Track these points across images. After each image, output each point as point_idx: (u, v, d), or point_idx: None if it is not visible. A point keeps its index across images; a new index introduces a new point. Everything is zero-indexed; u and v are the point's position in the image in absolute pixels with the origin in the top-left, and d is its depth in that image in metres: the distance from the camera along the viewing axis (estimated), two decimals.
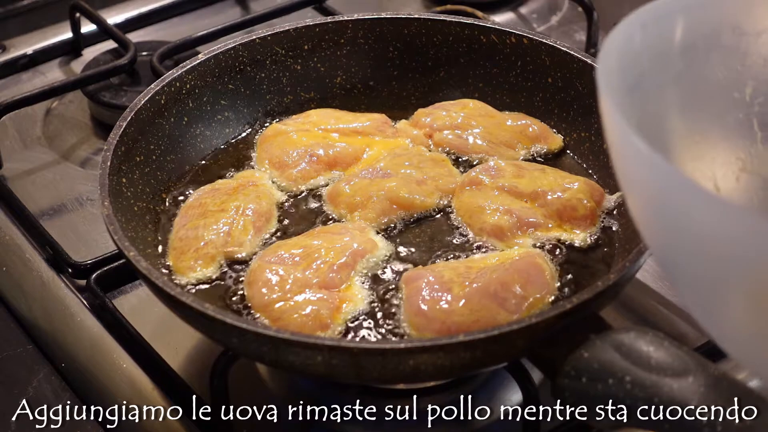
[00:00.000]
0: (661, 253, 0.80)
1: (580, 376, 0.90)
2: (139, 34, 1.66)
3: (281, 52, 1.31)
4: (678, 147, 0.91)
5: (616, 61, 0.83)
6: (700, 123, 0.92)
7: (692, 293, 0.78)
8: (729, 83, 0.92)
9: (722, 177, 0.92)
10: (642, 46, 0.86)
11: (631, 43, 0.85)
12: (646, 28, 0.86)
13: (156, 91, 1.21)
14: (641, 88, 0.86)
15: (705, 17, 0.90)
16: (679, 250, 0.75)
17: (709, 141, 0.93)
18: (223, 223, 1.14)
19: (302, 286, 1.07)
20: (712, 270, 0.72)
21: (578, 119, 1.26)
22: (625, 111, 0.79)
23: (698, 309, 0.78)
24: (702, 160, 0.92)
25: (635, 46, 0.86)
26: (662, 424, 0.85)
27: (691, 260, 0.74)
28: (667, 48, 0.89)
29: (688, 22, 0.89)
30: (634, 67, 0.86)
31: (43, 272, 1.25)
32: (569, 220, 1.15)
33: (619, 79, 0.83)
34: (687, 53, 0.90)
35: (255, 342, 0.95)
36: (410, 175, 1.20)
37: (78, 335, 1.18)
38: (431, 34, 1.33)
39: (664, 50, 0.89)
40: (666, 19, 0.89)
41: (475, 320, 1.02)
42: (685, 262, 0.75)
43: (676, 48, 0.89)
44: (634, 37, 0.86)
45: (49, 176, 1.42)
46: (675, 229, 0.74)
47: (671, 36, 0.89)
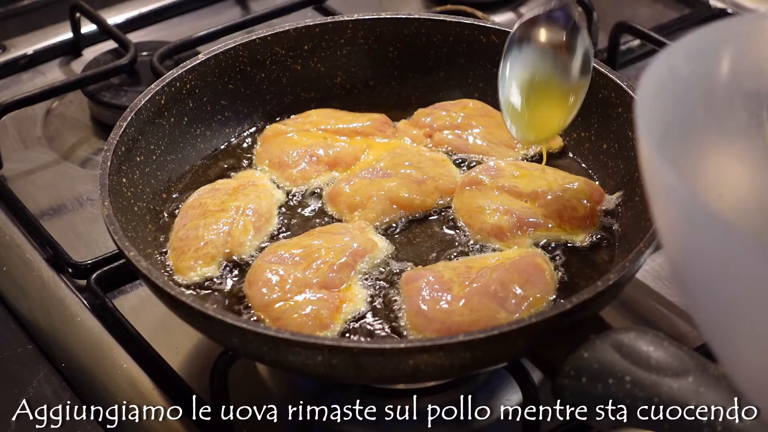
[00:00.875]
0: (693, 295, 0.77)
1: (580, 376, 0.90)
2: (139, 34, 1.66)
3: (281, 52, 1.32)
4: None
5: (655, 98, 0.77)
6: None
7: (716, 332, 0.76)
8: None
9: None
10: (686, 80, 0.80)
11: (673, 76, 0.79)
12: (690, 60, 0.80)
13: (156, 91, 1.21)
14: (682, 126, 0.80)
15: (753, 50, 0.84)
16: (715, 297, 0.73)
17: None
18: (223, 223, 1.14)
19: (302, 286, 1.07)
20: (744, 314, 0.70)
21: (578, 119, 1.25)
22: (665, 153, 0.74)
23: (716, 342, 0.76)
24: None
25: (679, 80, 0.80)
26: (662, 424, 0.85)
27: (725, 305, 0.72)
28: (712, 83, 0.82)
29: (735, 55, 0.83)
30: (675, 104, 0.80)
31: (43, 272, 1.25)
32: (569, 220, 1.15)
33: (658, 118, 0.78)
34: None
35: (255, 342, 0.95)
36: (410, 175, 1.20)
37: (78, 335, 1.18)
38: (431, 34, 1.33)
39: (708, 86, 0.82)
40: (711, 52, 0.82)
41: (475, 320, 1.02)
42: (718, 307, 0.73)
43: (721, 83, 0.82)
44: (677, 70, 0.79)
45: (49, 176, 1.42)
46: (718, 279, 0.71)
47: (717, 70, 0.82)
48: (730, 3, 1.69)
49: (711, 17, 1.67)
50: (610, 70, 1.21)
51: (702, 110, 0.82)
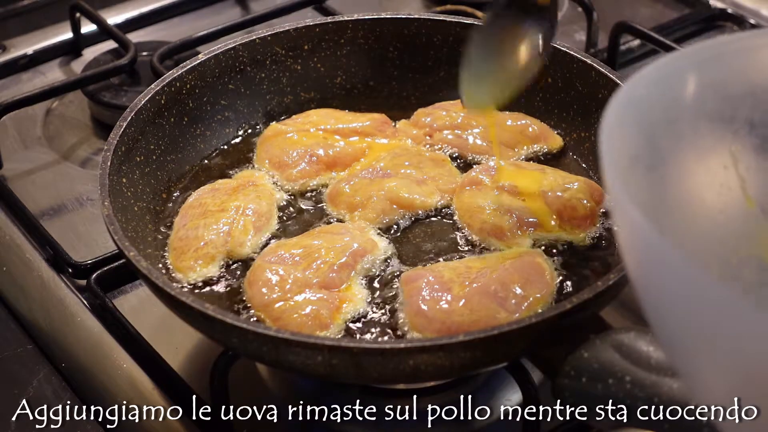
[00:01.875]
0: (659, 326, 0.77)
1: (580, 376, 0.90)
2: (139, 35, 1.66)
3: (281, 52, 1.32)
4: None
5: (620, 129, 0.76)
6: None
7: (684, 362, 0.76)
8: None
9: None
10: (651, 109, 0.80)
11: (638, 105, 0.79)
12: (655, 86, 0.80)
13: (156, 91, 1.21)
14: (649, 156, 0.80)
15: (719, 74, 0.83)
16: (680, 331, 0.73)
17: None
18: (223, 223, 1.14)
19: (302, 286, 1.07)
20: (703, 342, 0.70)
21: (578, 119, 1.26)
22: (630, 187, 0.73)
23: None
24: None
25: (643, 109, 0.79)
26: (662, 424, 0.85)
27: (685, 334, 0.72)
28: (677, 111, 0.82)
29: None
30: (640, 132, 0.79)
31: (44, 272, 1.25)
32: (569, 220, 1.15)
33: (622, 149, 0.77)
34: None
35: (255, 342, 0.95)
36: (410, 175, 1.20)
37: (78, 335, 1.18)
38: (431, 34, 1.33)
39: (673, 114, 0.81)
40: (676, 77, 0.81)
41: (475, 320, 1.02)
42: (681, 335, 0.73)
43: (686, 110, 0.82)
44: (641, 99, 0.79)
45: (49, 176, 1.42)
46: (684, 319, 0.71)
47: (681, 96, 0.82)
48: (730, 3, 1.69)
49: (711, 17, 1.67)
50: (610, 70, 1.21)
51: (667, 138, 0.82)
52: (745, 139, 0.84)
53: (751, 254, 0.86)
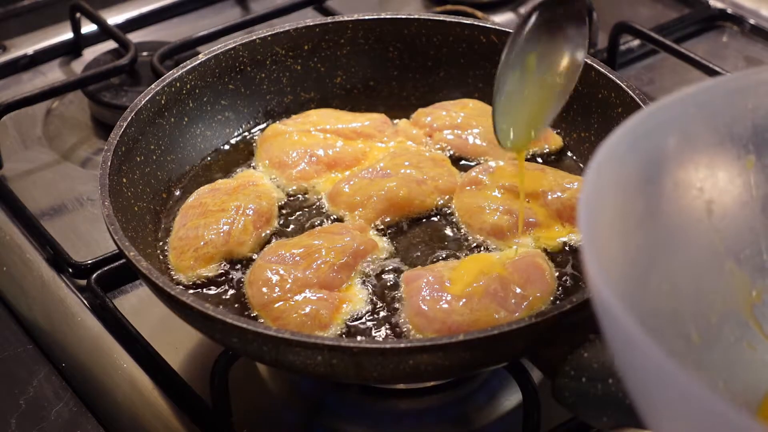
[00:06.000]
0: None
1: (580, 376, 0.90)
2: (139, 35, 1.66)
3: (281, 52, 1.32)
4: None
5: (597, 197, 0.74)
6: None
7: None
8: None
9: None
10: (629, 172, 0.77)
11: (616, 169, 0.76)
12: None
13: (156, 92, 1.21)
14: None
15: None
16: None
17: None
18: (223, 223, 1.14)
19: (302, 286, 1.07)
20: None
21: (578, 119, 1.26)
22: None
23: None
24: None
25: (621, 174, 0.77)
26: None
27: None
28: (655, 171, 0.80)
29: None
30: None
31: (44, 272, 1.25)
32: (569, 220, 1.15)
33: (601, 222, 0.75)
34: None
35: (255, 342, 0.95)
36: (410, 175, 1.20)
37: (78, 335, 1.18)
38: (431, 34, 1.33)
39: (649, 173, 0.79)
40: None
41: (475, 320, 1.02)
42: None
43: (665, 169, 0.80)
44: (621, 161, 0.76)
45: (49, 176, 1.42)
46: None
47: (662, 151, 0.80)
48: (730, 3, 1.69)
49: (711, 17, 1.67)
50: (610, 70, 1.21)
51: (642, 202, 0.81)
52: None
53: (729, 309, 0.85)
